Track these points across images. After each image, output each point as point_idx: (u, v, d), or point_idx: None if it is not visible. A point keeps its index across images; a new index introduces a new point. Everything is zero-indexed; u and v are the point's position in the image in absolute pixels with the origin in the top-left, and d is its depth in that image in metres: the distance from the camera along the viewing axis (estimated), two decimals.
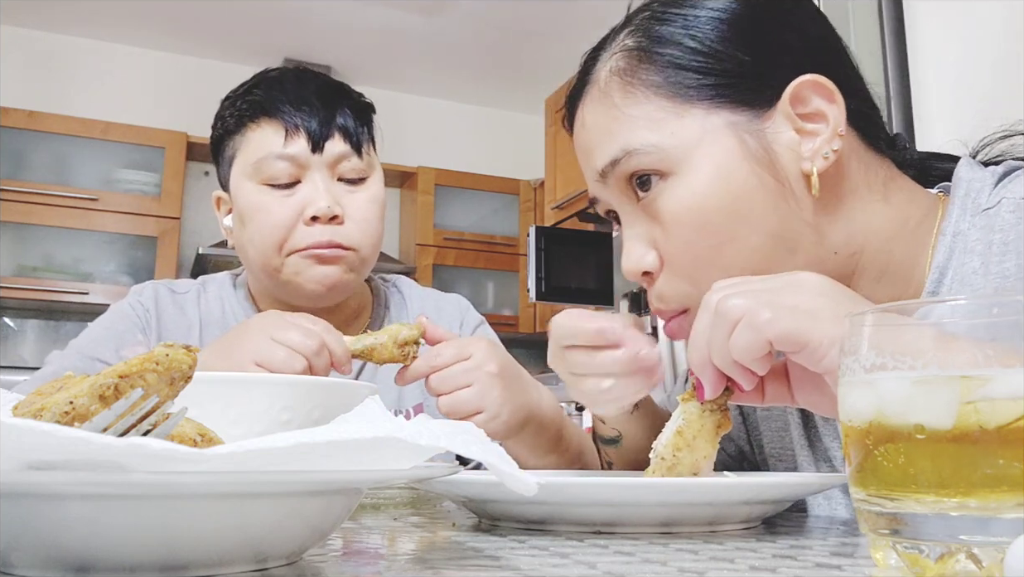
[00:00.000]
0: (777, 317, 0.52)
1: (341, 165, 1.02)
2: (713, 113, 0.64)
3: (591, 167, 0.69)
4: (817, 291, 0.53)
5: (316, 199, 0.99)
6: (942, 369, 0.34)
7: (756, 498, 0.52)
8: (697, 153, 0.63)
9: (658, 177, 0.64)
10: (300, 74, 1.07)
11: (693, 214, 0.63)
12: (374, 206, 1.04)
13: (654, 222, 0.66)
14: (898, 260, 0.67)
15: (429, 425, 0.39)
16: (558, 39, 3.74)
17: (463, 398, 0.83)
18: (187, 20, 3.62)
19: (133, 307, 1.07)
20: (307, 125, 1.00)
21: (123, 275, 3.49)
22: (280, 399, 0.52)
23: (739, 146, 0.63)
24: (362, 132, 1.05)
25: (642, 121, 0.65)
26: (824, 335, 0.51)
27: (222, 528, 0.33)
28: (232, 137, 1.05)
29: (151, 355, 0.35)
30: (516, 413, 0.86)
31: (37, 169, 3.40)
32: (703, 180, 0.63)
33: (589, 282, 3.22)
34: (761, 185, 0.63)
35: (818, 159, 0.63)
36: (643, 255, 0.67)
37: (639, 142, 0.64)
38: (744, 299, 0.53)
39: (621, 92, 0.66)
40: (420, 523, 0.58)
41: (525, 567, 0.38)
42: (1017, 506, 0.32)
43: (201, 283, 1.14)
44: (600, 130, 0.68)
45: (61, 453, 0.30)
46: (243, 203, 1.02)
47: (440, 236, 4.01)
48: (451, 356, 0.84)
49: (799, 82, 0.63)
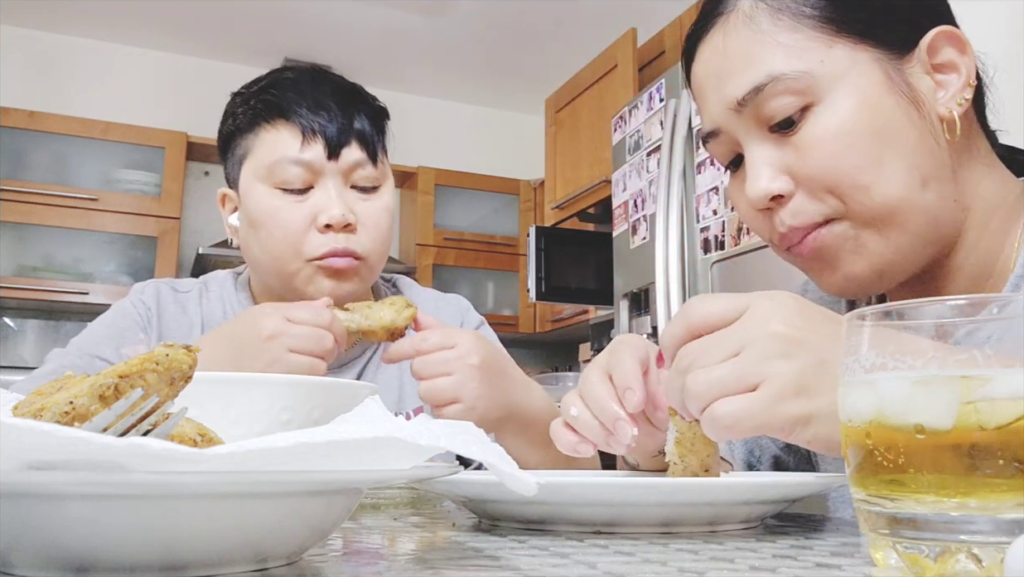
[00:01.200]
0: (735, 416, 0.51)
1: (355, 173, 1.01)
2: (859, 48, 0.66)
3: (725, 95, 0.68)
4: (783, 352, 0.51)
5: (330, 207, 0.98)
6: (942, 369, 0.34)
7: (756, 498, 0.52)
8: (845, 82, 0.65)
9: (799, 113, 0.65)
10: (317, 75, 1.05)
11: (841, 137, 0.64)
12: (386, 215, 1.04)
13: (787, 148, 0.66)
14: (990, 236, 0.69)
15: (429, 425, 0.39)
16: (558, 39, 3.74)
17: (440, 386, 0.85)
18: (187, 20, 3.62)
19: (135, 305, 1.06)
20: (325, 130, 0.99)
21: (123, 275, 3.49)
22: (280, 399, 0.52)
23: (885, 79, 0.65)
24: (377, 140, 1.04)
25: (792, 49, 0.66)
26: (785, 420, 0.50)
27: (222, 528, 0.33)
28: (244, 136, 1.03)
29: (151, 355, 0.35)
30: (494, 408, 0.86)
31: (37, 169, 3.40)
32: (852, 106, 0.64)
33: (589, 282, 3.22)
34: (906, 117, 0.65)
35: (953, 105, 0.66)
36: (773, 179, 0.67)
37: (788, 68, 0.65)
38: (704, 380, 0.52)
39: (770, 19, 0.67)
40: (420, 523, 0.58)
41: (525, 567, 0.38)
42: (1017, 506, 0.32)
43: (203, 282, 1.13)
44: (743, 56, 0.67)
45: (61, 453, 0.30)
46: (254, 206, 1.01)
47: (440, 236, 4.01)
48: (436, 343, 0.86)
49: (937, 32, 0.66)
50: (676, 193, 2.26)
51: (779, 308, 0.53)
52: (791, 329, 0.52)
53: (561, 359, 4.39)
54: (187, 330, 1.07)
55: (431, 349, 0.86)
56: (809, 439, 0.51)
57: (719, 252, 2.17)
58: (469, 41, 3.81)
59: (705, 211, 2.23)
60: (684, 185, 2.28)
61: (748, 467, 0.88)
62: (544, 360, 4.41)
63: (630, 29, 3.04)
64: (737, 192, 0.73)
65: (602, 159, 3.04)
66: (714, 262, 2.19)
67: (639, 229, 2.54)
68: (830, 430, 0.50)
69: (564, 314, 3.82)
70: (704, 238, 2.23)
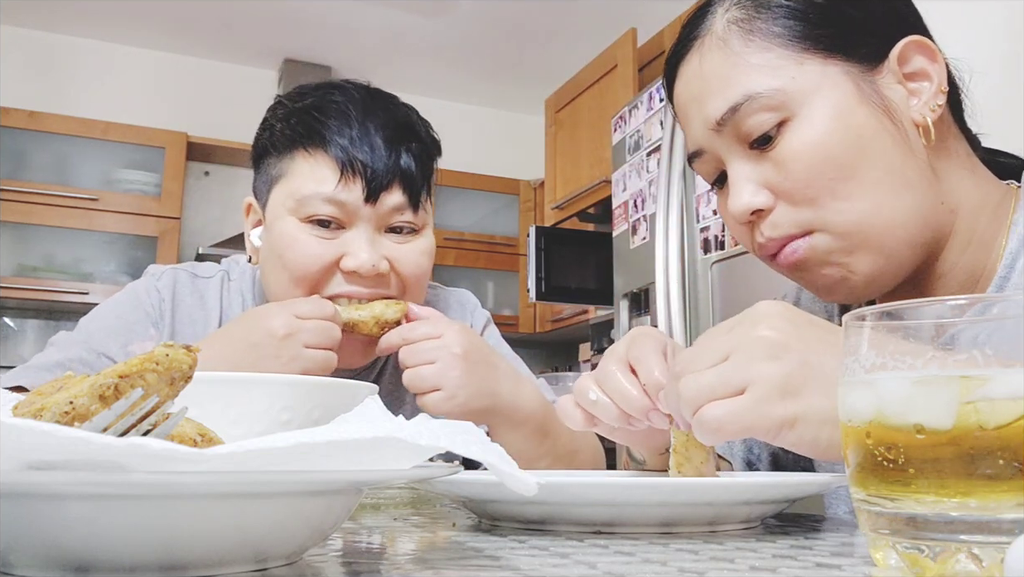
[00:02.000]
0: (723, 419, 0.51)
1: (394, 218, 0.94)
2: (829, 63, 0.67)
3: (704, 116, 0.70)
4: (771, 354, 0.52)
5: (358, 252, 0.91)
6: (942, 369, 0.34)
7: (756, 498, 0.52)
8: (817, 96, 0.66)
9: (775, 128, 0.67)
10: (368, 100, 0.96)
11: (816, 149, 0.66)
12: (425, 259, 0.97)
13: (766, 164, 0.68)
14: (980, 234, 0.70)
15: (429, 425, 0.39)
16: (558, 39, 3.74)
17: (423, 374, 0.87)
18: (187, 20, 3.62)
19: (148, 294, 1.02)
20: (364, 170, 0.90)
21: (123, 275, 3.49)
22: (280, 399, 0.52)
23: (856, 91, 0.67)
24: (423, 184, 0.96)
25: (763, 68, 0.68)
26: (771, 423, 0.51)
27: (222, 528, 0.33)
28: (279, 156, 0.95)
29: (151, 355, 0.35)
30: (476, 397, 0.87)
31: (37, 169, 3.40)
32: (825, 119, 0.66)
33: (589, 282, 3.22)
34: (880, 126, 0.66)
35: (927, 112, 0.67)
36: (754, 194, 0.69)
37: (762, 87, 0.67)
38: (694, 385, 0.53)
39: (741, 40, 0.69)
40: (420, 523, 0.58)
41: (525, 567, 0.38)
42: (1017, 506, 0.32)
43: (225, 270, 1.08)
44: (719, 78, 0.69)
45: (61, 453, 0.30)
46: (277, 236, 0.93)
47: (440, 236, 4.00)
48: (423, 332, 0.88)
49: (906, 42, 0.68)
50: (676, 193, 2.26)
51: (766, 314, 0.55)
52: (777, 333, 0.53)
53: (561, 359, 4.39)
54: (203, 325, 1.03)
55: (418, 338, 0.87)
56: (794, 441, 0.52)
57: (719, 252, 2.17)
58: (469, 41, 3.81)
59: (705, 211, 2.23)
60: (684, 185, 2.28)
61: (747, 465, 0.88)
62: (544, 360, 4.41)
63: (630, 29, 3.04)
64: (723, 207, 0.75)
65: (602, 159, 3.04)
66: (714, 262, 2.19)
67: (639, 229, 2.54)
68: (815, 433, 0.51)
69: (564, 314, 3.82)
70: (704, 238, 2.23)
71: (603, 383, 0.63)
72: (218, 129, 3.75)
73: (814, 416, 0.51)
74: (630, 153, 2.64)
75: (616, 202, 2.70)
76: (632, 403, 0.61)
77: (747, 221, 0.70)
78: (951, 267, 0.70)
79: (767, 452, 0.88)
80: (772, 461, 0.89)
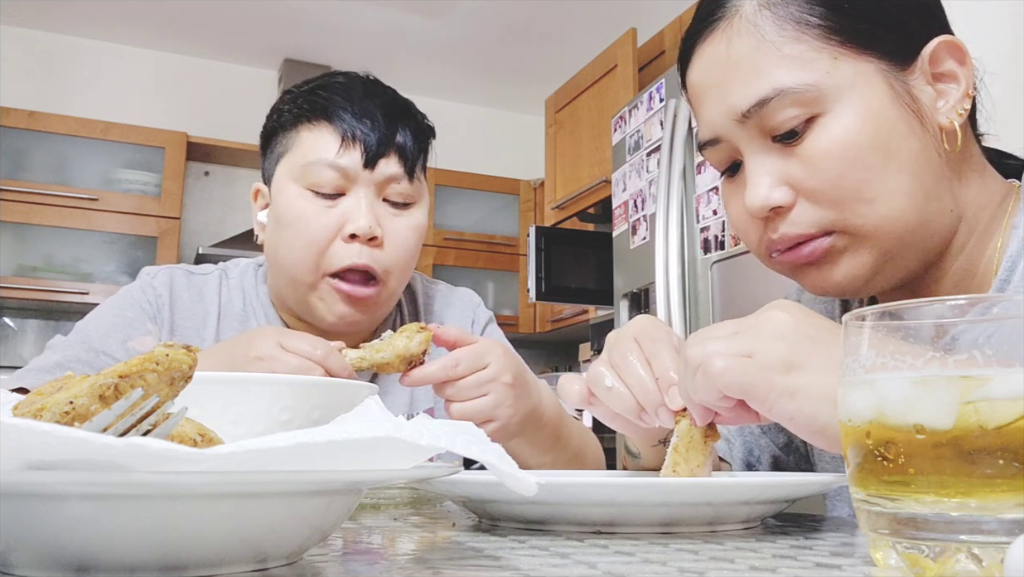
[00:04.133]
0: (727, 369, 0.53)
1: (390, 187, 1.00)
2: (863, 59, 0.65)
3: (728, 105, 0.67)
4: (778, 334, 0.54)
5: (357, 217, 0.96)
6: (942, 369, 0.34)
7: (756, 498, 0.52)
8: (851, 94, 0.64)
9: (803, 124, 0.65)
10: (369, 84, 1.04)
11: (845, 149, 0.64)
12: (414, 233, 1.02)
13: (791, 160, 0.66)
14: (977, 238, 0.69)
15: (429, 425, 0.39)
16: (558, 39, 3.74)
17: (477, 408, 0.83)
18: (187, 20, 3.62)
19: (144, 291, 1.03)
20: (364, 138, 0.98)
21: (123, 275, 3.49)
22: (280, 399, 0.52)
23: (889, 91, 0.65)
24: (418, 156, 1.03)
25: (796, 60, 0.65)
26: (772, 388, 0.52)
27: (222, 528, 0.33)
28: (285, 133, 1.02)
29: (151, 355, 0.35)
30: (523, 421, 0.87)
31: (37, 169, 3.40)
32: (857, 118, 0.64)
33: (589, 282, 3.22)
34: (909, 129, 0.65)
35: (953, 116, 0.66)
36: (773, 188, 0.66)
37: (794, 81, 0.64)
38: (703, 348, 0.55)
39: (775, 27, 0.66)
40: (420, 523, 0.58)
41: (525, 567, 0.38)
42: (1017, 506, 0.32)
43: (223, 269, 1.10)
44: (747, 67, 0.66)
45: (61, 453, 0.30)
46: (283, 205, 0.99)
47: (440, 236, 4.01)
48: (468, 367, 0.83)
49: (939, 41, 0.66)
50: (676, 193, 2.26)
51: (778, 304, 0.57)
52: (787, 315, 0.55)
53: (561, 359, 4.39)
54: (202, 321, 1.04)
55: (464, 374, 0.83)
56: (793, 413, 0.52)
57: (719, 252, 2.17)
58: (469, 41, 3.81)
59: (705, 211, 2.23)
60: (684, 185, 2.28)
61: (747, 467, 0.88)
62: (544, 360, 4.41)
63: (630, 29, 3.04)
64: (731, 197, 0.73)
65: (602, 159, 3.04)
66: (714, 262, 2.19)
67: (639, 229, 2.54)
68: (814, 408, 0.52)
69: (564, 314, 3.82)
70: (704, 238, 2.23)
71: (622, 372, 0.63)
72: (218, 129, 3.75)
73: (815, 392, 0.52)
74: (630, 153, 2.64)
75: (616, 202, 2.70)
76: (649, 396, 0.61)
77: (763, 217, 0.68)
78: (946, 269, 0.70)
79: (768, 454, 0.88)
80: (772, 463, 0.88)
